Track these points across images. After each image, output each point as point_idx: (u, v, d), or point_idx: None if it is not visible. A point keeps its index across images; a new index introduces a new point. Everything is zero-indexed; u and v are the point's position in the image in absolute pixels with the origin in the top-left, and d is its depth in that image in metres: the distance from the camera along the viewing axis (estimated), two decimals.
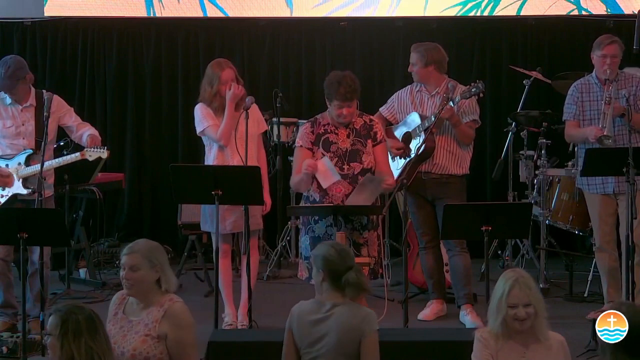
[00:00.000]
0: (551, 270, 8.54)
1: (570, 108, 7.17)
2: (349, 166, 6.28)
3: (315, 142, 6.30)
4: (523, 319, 4.49)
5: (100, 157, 7.05)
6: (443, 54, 7.22)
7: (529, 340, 4.56)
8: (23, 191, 7.08)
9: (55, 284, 8.26)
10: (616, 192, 6.97)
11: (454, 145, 7.07)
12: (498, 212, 6.09)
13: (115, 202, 9.79)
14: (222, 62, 7.18)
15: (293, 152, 8.94)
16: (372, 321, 4.74)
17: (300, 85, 9.77)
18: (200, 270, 8.64)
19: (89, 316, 4.02)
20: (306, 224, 6.32)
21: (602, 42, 7.05)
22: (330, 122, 6.36)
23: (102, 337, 4.03)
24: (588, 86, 7.11)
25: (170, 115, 9.60)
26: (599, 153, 6.79)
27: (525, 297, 4.48)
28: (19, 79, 7.09)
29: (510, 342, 4.55)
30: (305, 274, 6.36)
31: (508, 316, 4.49)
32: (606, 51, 7.00)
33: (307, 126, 6.40)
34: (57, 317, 4.03)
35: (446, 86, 7.04)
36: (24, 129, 7.17)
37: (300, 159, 6.38)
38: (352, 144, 6.32)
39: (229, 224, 6.98)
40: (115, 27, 9.74)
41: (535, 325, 4.53)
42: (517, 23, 9.59)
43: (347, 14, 9.55)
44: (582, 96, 7.10)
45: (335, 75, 6.36)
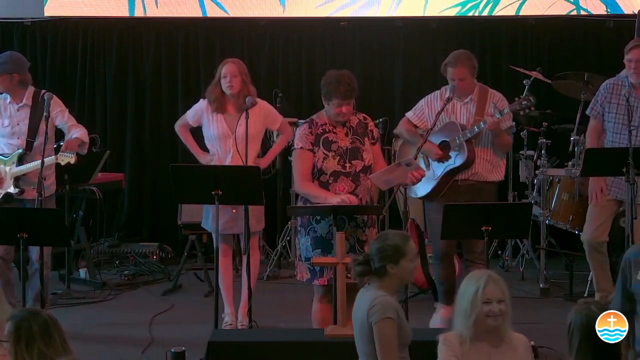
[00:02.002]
0: (551, 270, 8.54)
1: (595, 105, 7.09)
2: (351, 164, 6.26)
3: (315, 142, 6.28)
4: (497, 315, 4.48)
5: (69, 162, 7.04)
6: (474, 60, 7.03)
7: (495, 341, 4.55)
8: (13, 190, 7.09)
9: (55, 284, 8.26)
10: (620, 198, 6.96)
11: (491, 153, 6.90)
12: (498, 212, 6.08)
13: (115, 202, 9.79)
14: (230, 58, 7.28)
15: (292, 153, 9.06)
16: (378, 310, 4.73)
17: (300, 85, 9.78)
18: (200, 270, 8.64)
19: (43, 322, 4.00)
20: (306, 225, 6.29)
21: (629, 45, 6.94)
22: (328, 122, 6.34)
23: (57, 342, 4.00)
24: (620, 87, 6.98)
25: (170, 115, 9.58)
26: (598, 153, 6.78)
27: (500, 293, 4.49)
28: (4, 72, 7.09)
29: (477, 344, 4.53)
30: (306, 275, 6.29)
31: (481, 313, 4.47)
32: (631, 55, 6.88)
33: (305, 127, 6.35)
34: (11, 324, 4.04)
35: (478, 92, 6.91)
36: (18, 128, 7.18)
37: (302, 162, 6.30)
38: (351, 142, 6.31)
39: (220, 224, 6.97)
40: (115, 27, 9.75)
41: (502, 325, 4.53)
42: (517, 23, 9.60)
43: (348, 15, 9.55)
44: (610, 97, 7.00)
45: (333, 74, 6.35)
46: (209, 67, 9.35)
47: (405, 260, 4.81)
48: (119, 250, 9.32)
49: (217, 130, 7.12)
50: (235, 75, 7.07)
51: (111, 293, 8.33)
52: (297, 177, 6.36)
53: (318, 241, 6.19)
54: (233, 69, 7.08)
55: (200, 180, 6.58)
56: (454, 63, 6.89)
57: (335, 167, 6.23)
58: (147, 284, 8.69)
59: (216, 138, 7.13)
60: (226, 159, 7.10)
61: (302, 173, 6.29)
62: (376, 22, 9.59)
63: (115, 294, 8.34)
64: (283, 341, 5.94)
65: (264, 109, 7.23)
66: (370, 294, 4.80)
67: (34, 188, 6.80)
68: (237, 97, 7.06)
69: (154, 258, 9.28)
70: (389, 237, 4.89)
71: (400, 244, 4.82)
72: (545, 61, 9.41)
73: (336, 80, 6.28)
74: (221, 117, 7.13)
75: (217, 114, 7.13)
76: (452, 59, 6.93)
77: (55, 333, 4.02)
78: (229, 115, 7.13)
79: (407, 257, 4.82)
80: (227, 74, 7.07)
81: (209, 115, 7.16)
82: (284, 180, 9.32)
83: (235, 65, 7.12)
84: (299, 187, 6.36)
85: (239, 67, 7.12)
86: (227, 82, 7.07)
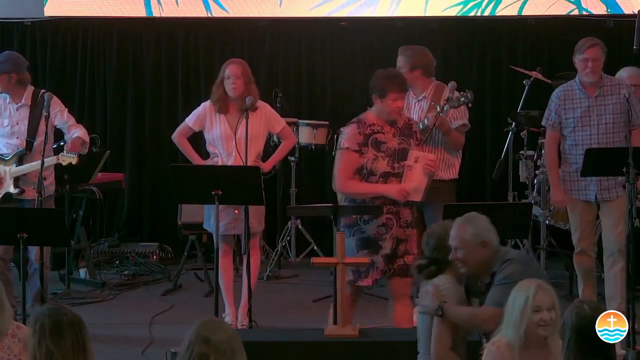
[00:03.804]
0: (551, 270, 8.54)
1: (550, 115, 7.08)
2: (400, 165, 6.22)
3: (363, 143, 6.20)
4: (548, 324, 4.44)
5: (71, 162, 7.04)
6: (430, 57, 7.17)
7: (545, 351, 4.50)
8: (13, 190, 7.09)
9: (55, 284, 8.26)
10: (598, 199, 6.96)
11: (443, 152, 7.03)
12: (498, 212, 6.08)
13: (115, 202, 9.79)
14: (233, 59, 7.31)
15: (295, 152, 9.07)
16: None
17: (300, 85, 9.77)
18: (200, 270, 8.64)
19: (57, 321, 3.98)
20: (352, 226, 6.18)
21: (583, 44, 6.93)
22: (376, 122, 6.26)
23: (68, 344, 3.96)
24: (571, 92, 7.01)
25: (170, 115, 9.59)
26: (598, 153, 6.79)
27: (550, 301, 4.45)
28: (2, 71, 7.09)
29: (527, 353, 4.47)
30: (349, 276, 6.13)
31: (532, 322, 4.42)
32: (587, 54, 6.88)
33: (354, 127, 6.22)
34: (31, 318, 4.06)
35: (432, 90, 7.06)
36: (17, 128, 7.18)
37: (346, 163, 6.18)
38: (399, 143, 6.23)
39: (222, 225, 6.98)
40: (115, 27, 9.74)
41: (553, 334, 4.48)
42: (517, 23, 9.59)
43: (347, 14, 9.55)
44: (564, 104, 7.01)
45: (385, 72, 6.31)
46: (209, 67, 9.37)
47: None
48: (119, 250, 9.31)
49: (220, 131, 7.12)
50: (238, 77, 7.07)
51: (111, 293, 8.33)
52: (339, 177, 6.22)
53: (364, 242, 6.14)
54: (237, 71, 7.08)
55: (200, 180, 6.58)
56: (399, 52, 7.20)
57: (385, 168, 6.16)
58: (147, 284, 8.69)
59: (219, 139, 7.13)
60: (229, 160, 7.10)
61: (345, 174, 6.18)
62: (376, 22, 9.59)
63: (115, 294, 8.34)
64: (283, 341, 5.95)
65: (267, 111, 7.23)
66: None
67: (34, 188, 6.80)
68: (240, 99, 7.06)
69: (154, 258, 9.27)
70: (437, 230, 5.26)
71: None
72: (545, 61, 9.40)
73: (393, 75, 6.27)
74: (223, 118, 7.14)
75: (220, 115, 7.14)
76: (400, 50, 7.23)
77: (69, 334, 3.98)
78: (230, 116, 7.13)
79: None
80: (230, 75, 7.08)
81: (212, 117, 7.16)
82: (284, 180, 9.32)
83: (239, 66, 7.12)
84: (342, 188, 6.24)
85: (243, 68, 7.12)
86: (230, 84, 7.07)
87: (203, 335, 3.77)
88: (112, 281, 8.63)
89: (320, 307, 7.60)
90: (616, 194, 6.88)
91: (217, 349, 3.72)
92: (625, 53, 8.78)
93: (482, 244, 5.08)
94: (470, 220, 5.19)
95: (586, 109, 6.95)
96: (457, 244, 5.07)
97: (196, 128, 7.24)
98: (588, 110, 6.95)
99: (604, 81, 6.96)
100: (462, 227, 5.11)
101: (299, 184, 9.33)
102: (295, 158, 9.14)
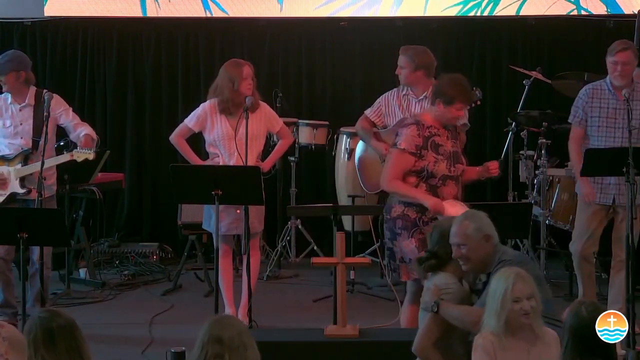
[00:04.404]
0: (551, 270, 8.54)
1: (577, 112, 7.04)
2: (455, 168, 6.20)
3: (423, 145, 6.15)
4: (529, 312, 4.51)
5: (87, 158, 7.04)
6: (432, 58, 7.16)
7: (530, 337, 4.58)
8: (20, 190, 7.09)
9: (55, 284, 8.26)
10: (617, 203, 6.91)
11: None
12: (498, 212, 6.07)
13: (115, 202, 9.79)
14: (239, 60, 7.32)
15: (295, 152, 9.08)
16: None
17: (300, 85, 9.77)
18: (200, 270, 8.64)
19: (48, 329, 3.95)
20: (410, 227, 6.12)
21: (615, 48, 6.86)
22: (433, 124, 6.19)
23: (62, 349, 3.95)
24: (600, 91, 6.96)
25: (170, 115, 9.59)
26: (598, 153, 6.78)
27: (529, 289, 4.53)
28: (11, 69, 7.10)
29: (513, 341, 4.56)
30: (412, 275, 6.07)
31: (513, 312, 4.51)
32: (617, 58, 6.82)
33: (414, 129, 6.14)
34: (26, 325, 4.04)
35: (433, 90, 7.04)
36: (21, 128, 7.18)
37: (399, 163, 6.11)
38: (452, 145, 6.21)
39: (223, 225, 6.98)
40: (115, 27, 9.74)
41: (535, 321, 4.57)
42: (517, 23, 9.59)
43: (349, 14, 9.55)
44: (592, 101, 6.96)
45: (454, 79, 6.23)
46: (209, 67, 9.37)
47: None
48: (119, 250, 9.31)
49: (222, 132, 7.13)
50: (252, 78, 7.16)
51: (111, 293, 8.33)
52: (387, 175, 6.16)
53: (425, 243, 6.05)
54: (251, 72, 7.18)
55: (200, 180, 6.59)
56: (400, 51, 7.17)
57: (444, 171, 6.13)
58: (147, 284, 8.68)
59: (220, 139, 7.14)
60: (230, 160, 7.11)
61: (395, 173, 6.12)
62: (376, 22, 9.59)
63: (115, 294, 8.34)
64: (283, 341, 5.94)
65: (267, 111, 7.27)
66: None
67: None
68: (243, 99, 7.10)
69: (154, 258, 9.27)
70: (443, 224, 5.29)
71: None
72: (545, 61, 9.40)
73: (459, 84, 6.19)
74: (224, 119, 7.15)
75: (221, 116, 7.15)
76: (400, 49, 7.21)
77: (61, 341, 3.96)
78: (231, 116, 7.14)
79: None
80: (248, 76, 7.13)
81: (212, 117, 7.17)
82: (284, 180, 9.32)
83: (251, 67, 7.23)
84: (387, 185, 6.18)
85: (252, 68, 7.24)
86: (248, 84, 7.10)
87: (215, 334, 3.81)
88: (112, 281, 8.62)
89: (320, 307, 7.61)
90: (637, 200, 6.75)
91: (231, 347, 3.78)
92: None
93: (485, 238, 5.11)
94: (471, 216, 5.22)
95: (613, 110, 6.88)
96: (460, 240, 5.09)
97: (196, 129, 7.24)
98: (615, 112, 6.88)
99: (635, 85, 6.88)
100: (464, 223, 5.13)
101: (299, 184, 9.33)
102: (295, 158, 9.14)
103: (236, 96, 7.10)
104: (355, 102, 9.31)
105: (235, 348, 3.80)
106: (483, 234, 5.11)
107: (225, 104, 7.13)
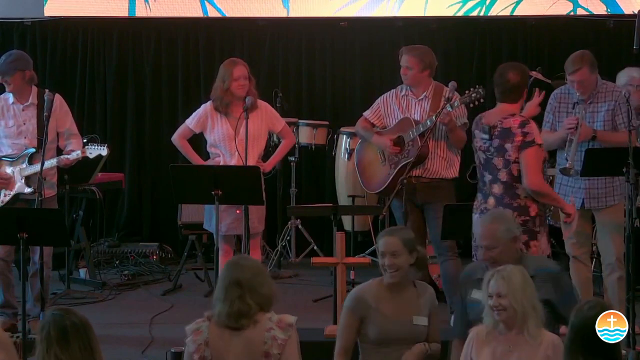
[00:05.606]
0: None
1: (547, 117, 7.01)
2: None
3: None
4: (499, 309, 4.55)
5: (100, 154, 7.06)
6: (435, 58, 7.19)
7: (517, 338, 4.61)
8: (26, 190, 7.09)
9: (55, 284, 8.26)
10: (587, 208, 6.86)
11: (445, 149, 7.04)
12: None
13: (115, 202, 9.79)
14: (236, 59, 7.29)
15: (295, 152, 9.08)
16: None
17: (300, 85, 9.77)
18: (200, 270, 8.64)
19: (62, 327, 3.98)
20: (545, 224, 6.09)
21: (568, 67, 6.80)
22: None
23: (76, 349, 3.97)
24: (567, 96, 6.94)
25: (170, 115, 9.60)
26: (598, 153, 6.77)
27: (501, 288, 4.56)
28: (17, 69, 7.10)
29: (499, 337, 4.62)
30: None
31: (490, 307, 4.59)
32: (572, 78, 6.79)
33: (534, 124, 6.04)
34: (40, 323, 4.06)
35: (433, 90, 7.06)
36: (25, 128, 7.18)
37: (540, 160, 6.01)
38: None
39: (224, 225, 6.98)
40: (115, 27, 9.74)
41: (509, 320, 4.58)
42: (517, 23, 9.59)
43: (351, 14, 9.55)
44: (559, 106, 6.95)
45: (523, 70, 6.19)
46: (209, 67, 9.37)
47: None
48: (119, 250, 9.31)
49: (222, 132, 7.13)
50: (246, 78, 7.11)
51: (111, 293, 8.33)
52: (534, 174, 5.91)
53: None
54: (244, 72, 7.12)
55: (200, 180, 6.59)
56: (405, 52, 7.13)
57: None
58: (147, 284, 8.69)
59: (221, 140, 7.14)
60: (231, 160, 7.11)
61: (539, 170, 5.97)
62: (376, 22, 9.59)
63: (115, 294, 8.34)
64: None
65: (267, 111, 7.25)
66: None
67: (45, 187, 6.82)
68: (243, 99, 7.08)
69: (154, 258, 9.27)
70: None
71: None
72: (545, 61, 9.40)
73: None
74: (225, 119, 7.14)
75: (221, 116, 7.14)
76: (403, 49, 7.19)
77: (74, 340, 3.98)
78: (232, 116, 7.14)
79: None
80: (239, 76, 7.08)
81: (213, 118, 7.16)
82: (284, 180, 9.32)
83: (245, 67, 7.17)
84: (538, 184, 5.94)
85: (247, 68, 7.18)
86: (239, 84, 7.07)
87: (235, 278, 4.49)
88: (112, 281, 8.62)
89: (320, 307, 7.62)
90: (605, 203, 6.79)
91: (249, 287, 4.49)
92: (625, 53, 8.79)
93: (514, 239, 5.07)
94: (498, 217, 5.16)
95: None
96: (489, 243, 5.01)
97: (197, 130, 7.24)
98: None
99: (598, 88, 6.87)
100: (492, 225, 5.05)
101: (299, 184, 9.33)
102: (295, 158, 9.14)
103: (226, 95, 7.08)
104: (355, 102, 9.31)
105: (252, 287, 4.49)
106: (512, 235, 5.06)
107: (215, 102, 7.13)
